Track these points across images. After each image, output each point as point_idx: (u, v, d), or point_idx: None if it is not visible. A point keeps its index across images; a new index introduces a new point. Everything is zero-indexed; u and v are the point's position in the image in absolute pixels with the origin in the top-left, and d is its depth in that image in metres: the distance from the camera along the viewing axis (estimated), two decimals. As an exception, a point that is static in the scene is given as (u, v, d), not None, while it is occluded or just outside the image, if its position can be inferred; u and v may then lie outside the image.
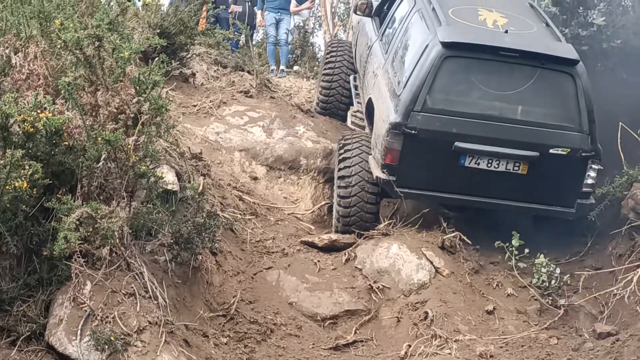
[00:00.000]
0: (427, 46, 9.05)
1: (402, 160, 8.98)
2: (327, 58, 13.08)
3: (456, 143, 8.89)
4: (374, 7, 12.45)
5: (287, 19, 17.28)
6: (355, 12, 12.65)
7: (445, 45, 8.90)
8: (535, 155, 8.96)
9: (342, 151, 9.92)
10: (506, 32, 9.38)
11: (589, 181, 9.10)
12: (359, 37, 12.56)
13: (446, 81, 9.00)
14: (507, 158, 9.00)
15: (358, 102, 11.70)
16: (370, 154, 9.64)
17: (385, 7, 12.27)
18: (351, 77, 12.56)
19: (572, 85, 9.00)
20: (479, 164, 9.02)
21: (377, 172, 9.16)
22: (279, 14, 17.14)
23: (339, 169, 9.75)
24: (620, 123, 9.02)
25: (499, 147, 8.95)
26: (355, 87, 12.21)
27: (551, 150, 8.95)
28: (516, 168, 9.04)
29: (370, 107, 10.30)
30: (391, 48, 10.31)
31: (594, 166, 9.04)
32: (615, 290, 8.28)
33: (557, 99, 9.20)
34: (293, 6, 20.19)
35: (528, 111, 9.09)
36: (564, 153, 8.96)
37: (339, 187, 9.66)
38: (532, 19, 10.22)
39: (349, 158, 9.71)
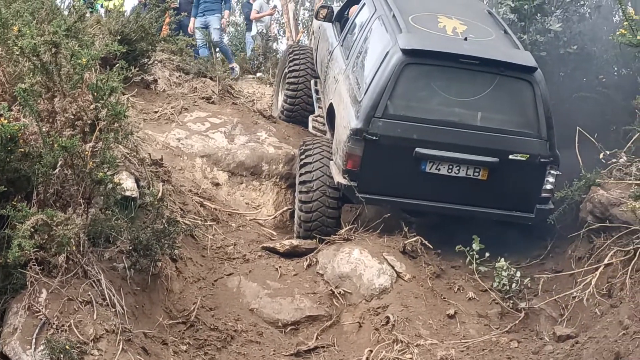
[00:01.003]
0: (387, 53, 9.11)
1: (363, 166, 9.02)
2: (289, 65, 13.03)
3: (417, 149, 8.96)
4: (335, 13, 12.47)
5: (215, 19, 17.09)
6: (316, 17, 12.66)
7: (405, 52, 8.96)
8: (495, 161, 9.04)
9: (303, 156, 9.92)
10: (465, 39, 9.47)
11: (548, 186, 9.19)
12: (320, 43, 12.58)
13: (407, 88, 9.05)
14: (467, 164, 9.07)
15: (319, 107, 11.73)
16: (332, 160, 9.64)
17: (346, 13, 12.33)
18: (312, 82, 12.56)
19: (530, 92, 9.10)
20: (439, 169, 9.09)
21: (339, 178, 9.18)
22: (204, 17, 17.01)
23: (300, 174, 9.74)
24: (578, 128, 9.09)
25: (459, 153, 9.01)
26: (317, 92, 12.23)
27: (510, 156, 9.04)
28: (476, 174, 9.12)
29: (331, 113, 10.33)
30: (352, 54, 10.33)
31: (552, 171, 9.13)
32: (574, 293, 8.36)
33: (516, 106, 9.29)
34: (254, 13, 20.26)
35: (488, 117, 9.17)
36: (523, 159, 9.05)
37: (300, 192, 9.66)
38: (490, 26, 10.31)
39: (310, 163, 9.71)
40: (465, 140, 9.01)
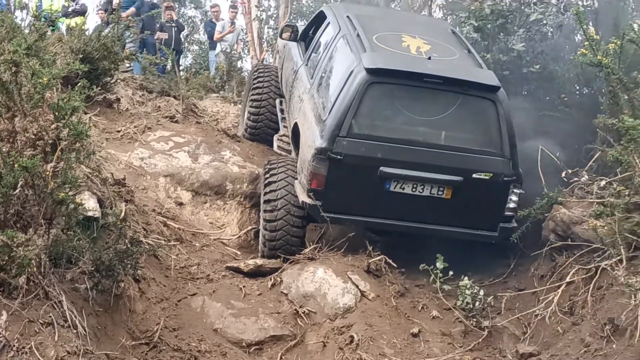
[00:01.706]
0: (352, 72, 9.13)
1: (328, 185, 9.02)
2: (254, 83, 13.03)
3: (381, 168, 8.98)
4: (300, 32, 12.50)
5: None
6: (280, 37, 12.67)
7: (369, 71, 9.00)
8: (459, 180, 9.07)
9: (267, 175, 9.88)
10: (429, 58, 9.51)
11: (511, 205, 9.24)
12: (285, 62, 12.58)
13: (371, 107, 9.07)
14: (431, 183, 9.11)
15: (284, 127, 11.69)
16: (297, 179, 9.62)
17: (310, 32, 12.36)
18: (277, 101, 12.52)
19: (493, 111, 9.15)
20: (403, 188, 9.12)
21: (303, 197, 9.17)
22: None
23: (265, 193, 9.71)
24: (540, 146, 9.16)
25: (423, 172, 9.04)
26: (282, 112, 12.19)
27: (474, 175, 9.08)
28: (440, 192, 9.16)
29: (296, 132, 10.32)
30: (317, 73, 10.34)
31: (515, 190, 9.19)
32: (537, 311, 8.43)
33: (480, 125, 9.36)
34: (217, 34, 20.31)
35: (451, 136, 9.22)
36: (487, 178, 9.10)
37: (265, 211, 9.62)
38: (454, 46, 10.39)
39: (275, 182, 9.68)
40: (429, 159, 9.04)
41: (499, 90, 9.23)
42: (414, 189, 9.12)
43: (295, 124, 10.39)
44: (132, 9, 17.98)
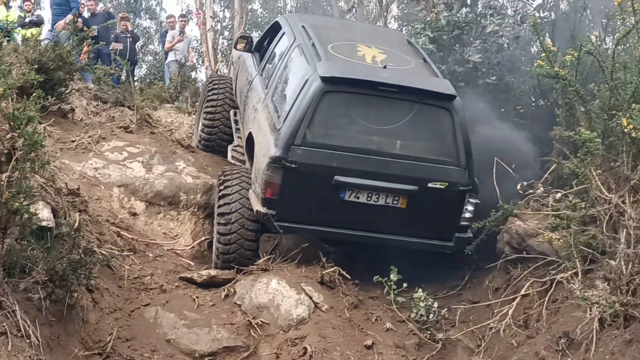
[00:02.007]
0: (307, 81, 9.10)
1: (282, 194, 8.96)
2: (208, 95, 12.98)
3: (336, 177, 8.94)
4: (254, 43, 12.49)
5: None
6: (235, 48, 12.64)
7: (324, 80, 8.97)
8: (414, 189, 9.05)
9: (222, 187, 9.82)
10: (385, 67, 9.48)
11: (467, 215, 9.24)
12: (239, 72, 12.57)
13: (326, 115, 9.04)
14: (386, 192, 9.07)
15: (238, 137, 11.65)
16: (251, 189, 9.58)
17: (265, 43, 12.33)
18: (231, 112, 12.47)
19: (449, 120, 9.15)
20: (358, 197, 9.08)
21: (257, 207, 9.11)
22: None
23: (219, 205, 9.66)
24: (496, 158, 9.23)
25: (378, 181, 9.01)
26: (236, 122, 12.16)
27: (429, 184, 9.05)
28: (395, 202, 9.12)
29: (250, 142, 10.28)
30: (271, 83, 10.32)
31: (471, 200, 9.19)
32: (491, 324, 8.43)
33: (435, 134, 9.35)
34: (167, 43, 20.30)
35: (407, 145, 9.20)
36: (442, 187, 9.08)
37: (218, 223, 9.57)
38: (410, 55, 10.40)
39: (229, 195, 9.63)
40: (384, 169, 9.02)
41: (455, 99, 9.24)
42: (369, 198, 9.07)
43: (250, 134, 10.33)
44: (69, 16, 17.79)
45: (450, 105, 9.20)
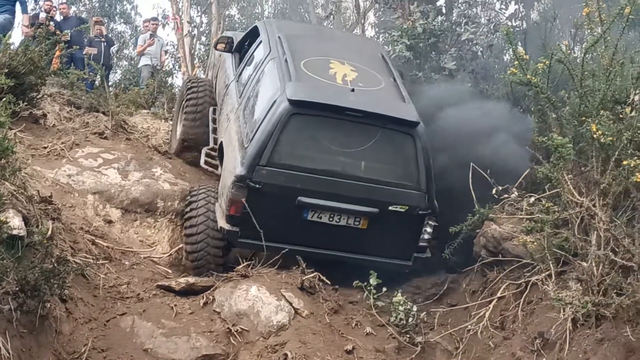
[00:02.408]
0: (275, 101, 9.25)
1: (246, 212, 9.09)
2: (188, 95, 12.87)
3: (299, 198, 9.14)
4: (235, 44, 12.44)
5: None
6: (215, 47, 12.60)
7: (292, 102, 9.12)
8: (375, 212, 9.28)
9: (188, 209, 10.03)
10: (353, 90, 9.57)
11: (426, 236, 9.49)
12: (219, 73, 12.61)
13: (292, 137, 9.20)
14: (347, 213, 9.32)
15: (214, 138, 11.64)
16: (217, 202, 9.77)
17: (246, 44, 12.36)
18: (211, 110, 12.45)
19: (412, 145, 9.37)
20: (321, 217, 9.31)
21: (222, 223, 9.33)
22: None
23: (186, 227, 9.89)
24: (472, 163, 9.25)
25: (341, 203, 9.22)
26: (214, 121, 12.14)
27: (390, 207, 9.29)
28: (357, 223, 9.35)
29: (221, 151, 10.44)
30: (245, 93, 10.44)
31: (430, 222, 9.45)
32: (469, 326, 8.50)
33: (398, 158, 9.55)
34: (138, 47, 20.19)
35: (370, 168, 9.39)
36: (402, 210, 9.31)
37: (186, 243, 9.82)
38: (381, 74, 10.53)
39: (195, 217, 9.84)
40: (347, 191, 9.23)
41: (418, 125, 9.39)
42: (330, 219, 9.30)
43: (221, 144, 10.46)
44: (25, 17, 17.54)
45: (413, 131, 9.38)
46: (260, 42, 11.19)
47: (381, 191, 9.30)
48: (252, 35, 12.18)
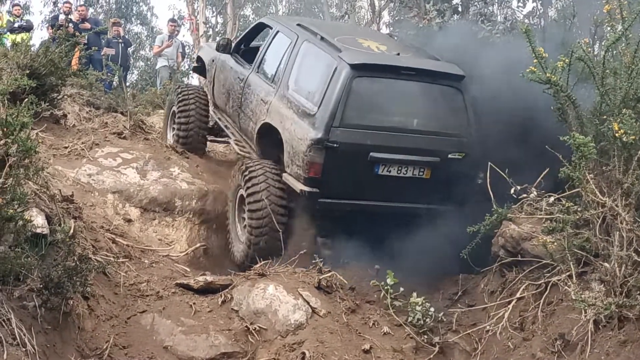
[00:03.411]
0: (335, 69, 9.74)
1: (324, 172, 9.59)
2: (179, 106, 13.11)
3: (371, 153, 9.67)
4: (233, 46, 12.81)
5: None
6: (217, 50, 12.83)
7: (353, 67, 9.66)
8: (437, 161, 9.91)
9: (250, 184, 10.20)
10: (398, 54, 10.29)
11: (479, 181, 9.74)
12: (219, 74, 12.83)
13: (357, 99, 9.71)
14: (413, 164, 9.94)
15: (232, 133, 11.98)
16: (285, 172, 10.07)
17: (243, 45, 12.91)
18: (212, 111, 12.93)
19: (460, 97, 10.03)
20: (390, 171, 9.86)
21: (300, 186, 9.71)
22: None
23: (249, 202, 10.11)
24: (490, 163, 9.25)
25: (407, 155, 9.80)
26: (220, 120, 12.59)
27: (449, 155, 9.89)
28: (421, 173, 9.93)
29: (263, 133, 10.75)
30: (281, 76, 10.75)
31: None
32: (487, 327, 8.44)
33: (450, 110, 10.08)
34: (155, 48, 20.29)
35: (427, 122, 10.03)
36: (460, 157, 9.90)
37: (251, 218, 10.07)
38: (403, 46, 11.21)
39: (258, 192, 10.07)
40: (411, 144, 9.83)
41: (464, 79, 10.08)
42: (399, 171, 9.87)
43: (265, 125, 10.71)
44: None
45: (460, 84, 10.06)
46: (277, 32, 11.69)
47: (440, 142, 9.93)
48: (256, 32, 13.11)
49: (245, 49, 12.86)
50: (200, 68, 14.04)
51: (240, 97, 11.63)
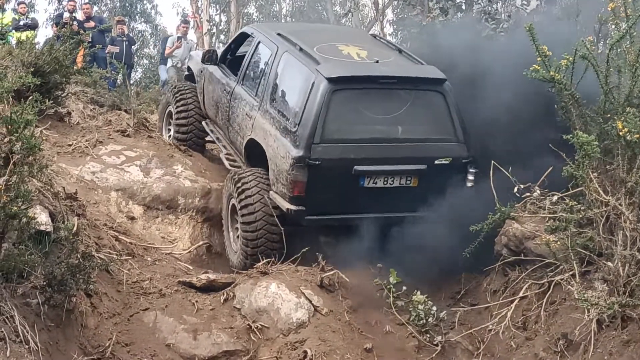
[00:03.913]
0: (313, 83, 9.54)
1: (309, 190, 9.42)
2: (177, 106, 13.01)
3: (355, 167, 9.50)
4: (219, 55, 12.59)
5: None
6: (203, 61, 12.64)
7: (331, 80, 9.48)
8: (423, 168, 9.70)
9: (243, 196, 10.02)
10: (377, 61, 10.02)
11: (469, 184, 9.78)
12: (207, 85, 12.60)
13: (337, 112, 9.55)
14: (399, 174, 9.74)
15: (223, 146, 11.81)
16: (271, 190, 9.88)
17: (229, 55, 12.60)
18: (204, 123, 12.68)
19: (442, 101, 9.83)
20: (376, 182, 9.68)
21: (287, 205, 9.53)
22: None
23: (243, 215, 9.94)
24: (492, 161, 9.25)
25: (392, 165, 9.66)
26: (212, 132, 12.38)
27: (436, 161, 9.70)
28: (408, 181, 9.75)
29: (249, 149, 10.58)
30: (263, 89, 10.53)
31: (471, 170, 9.77)
32: (490, 326, 8.45)
33: (433, 115, 9.96)
34: (167, 49, 20.30)
35: (411, 129, 9.89)
36: (447, 162, 9.72)
37: (245, 231, 9.90)
38: (384, 49, 11.04)
39: (252, 204, 9.91)
40: (396, 153, 9.67)
41: (445, 82, 9.87)
42: (385, 182, 9.68)
43: (251, 141, 10.54)
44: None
45: (442, 88, 9.85)
46: (258, 42, 11.43)
47: (425, 148, 9.78)
48: (239, 41, 12.65)
49: (232, 58, 12.59)
50: (192, 78, 13.69)
51: (227, 110, 11.52)
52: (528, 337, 7.96)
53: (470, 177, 9.76)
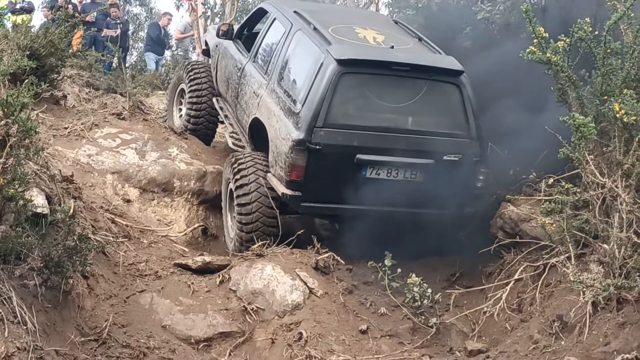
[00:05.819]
0: (322, 64, 9.26)
1: (307, 175, 9.18)
2: (190, 85, 12.91)
3: (358, 155, 9.19)
4: (235, 31, 12.49)
5: None
6: (217, 35, 12.58)
7: (340, 62, 9.17)
8: (431, 163, 9.31)
9: (238, 176, 9.88)
10: (392, 47, 9.69)
11: (479, 184, 9.48)
12: (221, 60, 12.53)
13: (344, 97, 9.27)
14: (405, 167, 9.37)
15: (230, 124, 11.69)
16: (269, 172, 9.72)
17: (246, 30, 12.47)
18: (214, 100, 12.52)
19: (458, 94, 9.44)
20: (379, 174, 9.35)
21: (282, 189, 9.31)
22: None
23: (238, 196, 9.77)
24: (490, 144, 9.26)
25: (397, 157, 9.30)
26: (222, 109, 12.21)
27: (445, 157, 9.31)
28: (413, 176, 9.40)
29: (255, 128, 10.42)
30: (273, 68, 10.36)
31: (482, 170, 9.44)
32: (485, 308, 8.46)
33: (447, 108, 9.64)
34: (177, 33, 20.22)
35: (421, 121, 9.53)
36: (456, 159, 9.34)
37: (240, 214, 9.72)
38: (404, 35, 10.66)
39: (247, 184, 9.75)
40: (402, 145, 9.29)
41: (462, 74, 9.52)
42: (389, 174, 9.35)
43: (255, 120, 10.40)
44: None
45: (458, 80, 9.49)
46: (274, 19, 11.23)
47: (435, 142, 9.33)
48: (257, 17, 12.45)
49: (248, 34, 12.36)
50: (208, 53, 13.56)
51: (237, 87, 11.41)
52: (523, 319, 7.97)
53: (481, 177, 9.45)
